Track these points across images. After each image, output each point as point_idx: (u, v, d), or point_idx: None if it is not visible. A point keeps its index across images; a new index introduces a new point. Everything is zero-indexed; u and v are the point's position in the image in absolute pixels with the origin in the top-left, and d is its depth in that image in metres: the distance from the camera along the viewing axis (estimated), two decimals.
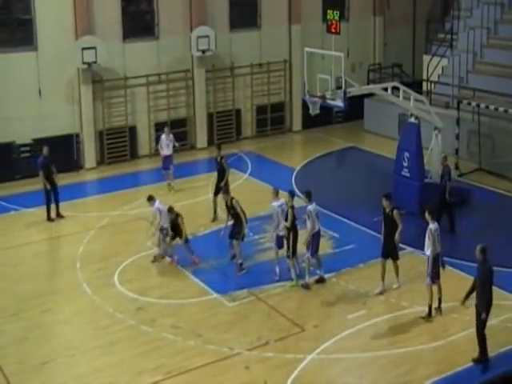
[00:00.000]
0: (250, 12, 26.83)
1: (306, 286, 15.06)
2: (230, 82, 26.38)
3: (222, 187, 17.94)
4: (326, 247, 16.66)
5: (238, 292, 14.93)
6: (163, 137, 21.17)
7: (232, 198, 15.94)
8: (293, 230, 14.98)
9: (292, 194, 15.22)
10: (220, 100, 26.26)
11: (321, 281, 15.26)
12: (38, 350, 13.15)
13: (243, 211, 15.80)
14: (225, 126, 26.36)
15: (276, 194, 15.60)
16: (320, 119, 23.51)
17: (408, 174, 18.94)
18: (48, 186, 18.69)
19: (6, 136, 22.47)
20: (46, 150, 19.02)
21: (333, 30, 18.21)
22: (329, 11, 18.37)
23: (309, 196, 15.07)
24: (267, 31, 26.82)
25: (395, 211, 14.56)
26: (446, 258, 14.00)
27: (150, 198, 16.35)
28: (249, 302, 14.55)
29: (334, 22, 18.18)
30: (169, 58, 25.05)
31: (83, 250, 17.19)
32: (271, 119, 27.32)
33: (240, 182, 21.46)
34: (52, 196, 18.88)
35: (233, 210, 15.81)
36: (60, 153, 21.09)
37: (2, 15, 22.66)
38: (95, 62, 23.17)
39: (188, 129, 25.76)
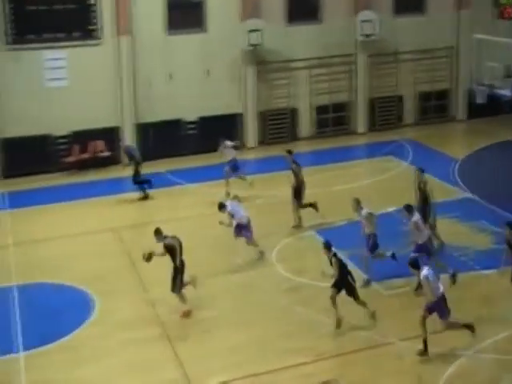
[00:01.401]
0: None
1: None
2: (393, 67, 25.95)
3: None
4: (485, 242, 16.07)
5: (395, 281, 14.69)
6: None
7: (425, 182, 15.68)
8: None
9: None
10: (382, 85, 25.89)
11: (454, 276, 14.27)
12: (196, 318, 13.77)
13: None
14: (386, 112, 25.99)
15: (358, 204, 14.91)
16: (487, 109, 22.60)
17: None
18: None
19: (175, 113, 23.61)
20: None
21: (506, 16, 17.40)
22: None
23: (409, 210, 14.38)
24: (433, 16, 26.07)
25: None
26: None
27: (221, 206, 15.83)
28: (404, 293, 14.24)
29: (508, 7, 17.37)
30: (331, 42, 25.04)
31: None
32: (434, 107, 26.61)
33: (399, 170, 21.13)
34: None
35: (423, 195, 15.55)
36: (224, 131, 21.79)
37: None
38: (260, 45, 23.67)
39: (348, 113, 25.70)
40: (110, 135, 23.06)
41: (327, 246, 13.20)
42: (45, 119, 22.46)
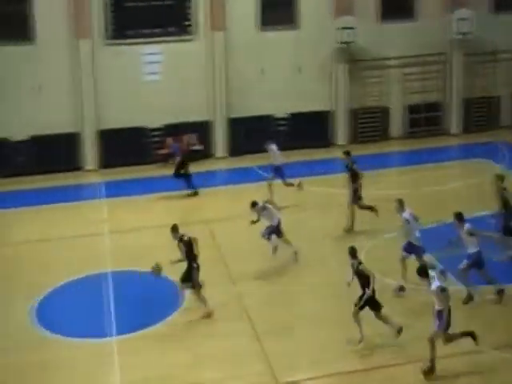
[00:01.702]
0: None
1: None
2: (490, 66, 25.27)
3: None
4: None
5: (485, 287, 14.20)
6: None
7: (505, 189, 15.35)
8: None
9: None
10: (478, 85, 25.26)
11: (501, 292, 14.03)
12: (284, 314, 13.92)
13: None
14: (481, 113, 25.35)
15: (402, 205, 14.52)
16: None
17: None
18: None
19: (265, 109, 23.83)
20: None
21: None
22: None
23: (460, 218, 13.79)
24: None
25: None
26: None
27: (253, 204, 15.65)
28: (488, 301, 13.86)
29: None
30: (425, 41, 24.64)
31: (330, 224, 17.60)
32: None
33: (494, 173, 20.46)
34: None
35: (504, 202, 15.22)
36: (313, 128, 21.89)
37: None
38: (352, 42, 23.55)
39: (442, 114, 25.21)
40: (203, 129, 23.49)
41: (352, 253, 12.67)
42: (140, 112, 23.15)
